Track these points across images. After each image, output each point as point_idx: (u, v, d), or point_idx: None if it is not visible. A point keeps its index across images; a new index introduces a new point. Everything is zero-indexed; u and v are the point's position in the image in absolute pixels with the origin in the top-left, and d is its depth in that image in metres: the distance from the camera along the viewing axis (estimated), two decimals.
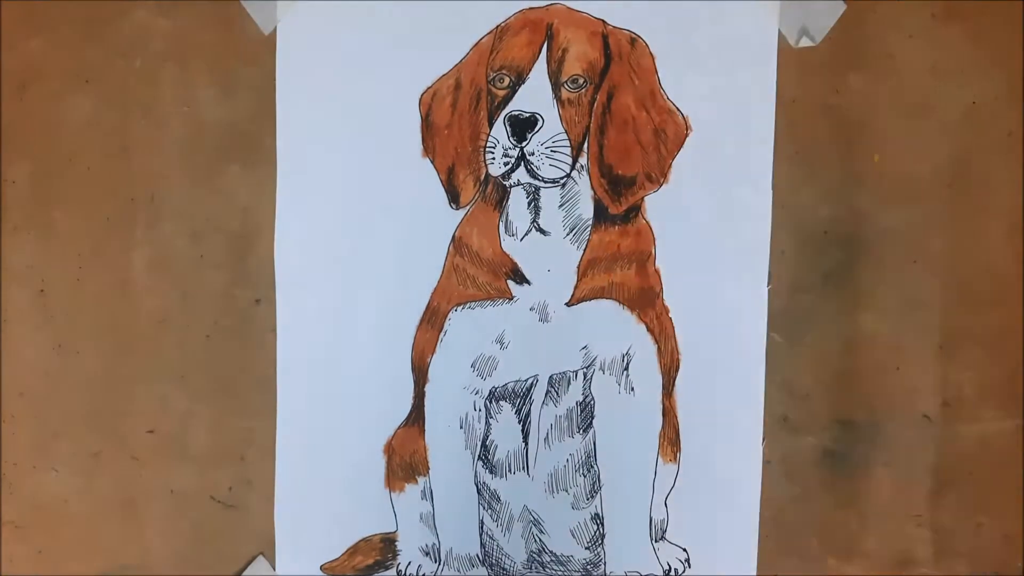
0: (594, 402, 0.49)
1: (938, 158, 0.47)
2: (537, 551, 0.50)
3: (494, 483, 0.50)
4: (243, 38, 0.49)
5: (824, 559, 0.49)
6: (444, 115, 0.48)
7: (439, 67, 0.49)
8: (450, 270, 0.49)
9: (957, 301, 0.47)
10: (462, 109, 0.48)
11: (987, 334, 0.48)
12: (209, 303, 0.50)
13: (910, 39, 0.47)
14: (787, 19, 0.48)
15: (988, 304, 0.47)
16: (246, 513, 0.50)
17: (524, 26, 0.48)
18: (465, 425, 0.50)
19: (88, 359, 0.50)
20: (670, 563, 0.50)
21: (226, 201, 0.49)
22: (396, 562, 0.50)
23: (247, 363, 0.50)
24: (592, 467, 0.50)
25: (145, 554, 0.50)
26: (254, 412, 0.50)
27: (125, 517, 0.50)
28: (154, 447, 0.50)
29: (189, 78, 0.49)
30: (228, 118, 0.49)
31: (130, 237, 0.49)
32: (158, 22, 0.49)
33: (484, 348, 0.49)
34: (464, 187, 0.49)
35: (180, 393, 0.50)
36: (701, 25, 0.48)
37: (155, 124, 0.49)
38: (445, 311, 0.49)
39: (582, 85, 0.47)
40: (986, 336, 0.48)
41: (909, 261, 0.48)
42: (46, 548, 0.50)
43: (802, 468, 0.49)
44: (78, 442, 0.50)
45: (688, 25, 0.48)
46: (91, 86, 0.49)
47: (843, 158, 0.48)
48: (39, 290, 0.50)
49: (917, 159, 0.47)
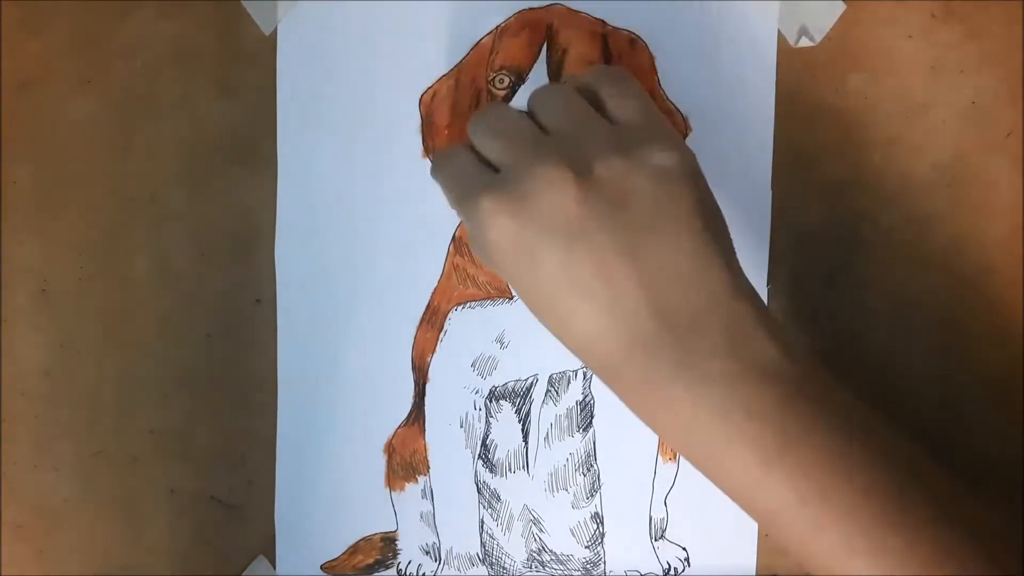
0: (594, 401, 0.49)
1: (938, 158, 0.47)
2: (537, 550, 0.50)
3: (494, 482, 0.50)
4: (243, 39, 0.49)
5: None
6: (444, 115, 0.49)
7: (439, 67, 0.49)
8: (450, 270, 0.49)
9: (957, 301, 0.48)
10: (462, 110, 0.48)
11: (987, 334, 0.48)
12: (210, 303, 0.50)
13: (910, 39, 0.47)
14: (786, 19, 0.48)
15: (988, 304, 0.47)
16: (246, 513, 0.50)
17: (524, 26, 0.48)
18: (465, 424, 0.50)
19: (88, 359, 0.50)
20: (670, 562, 0.50)
21: (227, 201, 0.49)
22: (396, 561, 0.51)
23: (247, 363, 0.50)
24: (592, 466, 0.50)
25: (145, 554, 0.50)
26: (254, 412, 0.50)
27: (125, 517, 0.50)
28: (154, 447, 0.50)
29: (189, 78, 0.49)
30: (228, 118, 0.49)
31: (131, 237, 0.49)
32: (159, 23, 0.49)
33: (484, 348, 0.49)
34: None
35: (180, 393, 0.50)
36: (701, 25, 0.48)
37: (156, 124, 0.49)
38: (445, 311, 0.49)
39: None
40: (986, 336, 0.48)
41: (909, 261, 0.48)
42: (46, 548, 0.50)
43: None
44: (78, 442, 0.50)
45: (688, 25, 0.48)
46: (92, 87, 0.49)
47: (843, 158, 0.48)
48: (40, 290, 0.50)
49: (917, 159, 0.48)
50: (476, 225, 0.37)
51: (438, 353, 0.50)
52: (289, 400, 0.50)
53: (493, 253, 0.37)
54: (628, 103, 0.38)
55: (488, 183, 0.36)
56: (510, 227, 0.35)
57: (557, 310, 0.37)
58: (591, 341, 0.36)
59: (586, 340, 0.36)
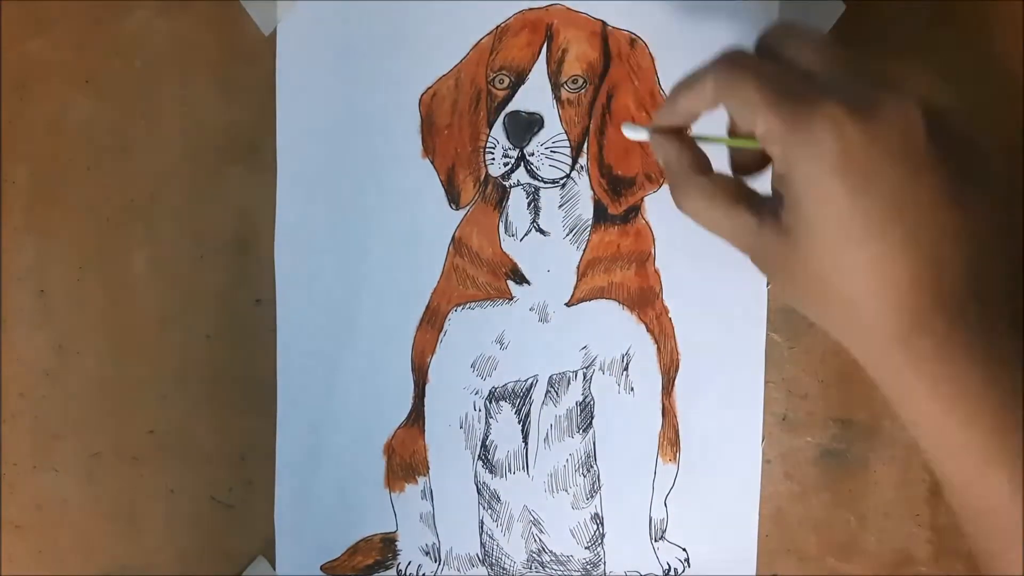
0: (594, 402, 0.49)
1: None
2: (537, 551, 0.50)
3: (494, 483, 0.50)
4: (243, 39, 0.49)
5: (823, 558, 0.49)
6: (444, 116, 0.49)
7: (439, 67, 0.49)
8: (450, 270, 0.49)
9: None
10: (462, 109, 0.48)
11: None
12: (209, 303, 0.50)
13: (909, 40, 0.47)
14: (786, 19, 0.47)
15: None
16: (246, 513, 0.50)
17: (524, 26, 0.48)
18: (465, 425, 0.50)
19: (88, 359, 0.50)
20: (670, 563, 0.50)
21: (226, 201, 0.49)
22: (396, 562, 0.51)
23: (247, 363, 0.50)
24: (592, 467, 0.50)
25: (145, 554, 0.50)
26: (254, 412, 0.50)
27: (125, 517, 0.50)
28: (154, 447, 0.50)
29: (189, 78, 0.49)
30: (228, 118, 0.49)
31: (130, 237, 0.49)
32: (158, 22, 0.49)
33: (484, 348, 0.49)
34: (464, 187, 0.49)
35: (180, 393, 0.50)
36: (701, 25, 0.48)
37: (155, 124, 0.49)
38: (445, 311, 0.49)
39: (582, 86, 0.48)
40: None
41: None
42: (46, 548, 0.50)
43: (802, 467, 0.49)
44: (78, 442, 0.50)
45: (688, 25, 0.48)
46: (91, 86, 0.49)
47: None
48: (39, 290, 0.50)
49: None
50: (805, 130, 0.32)
51: (438, 353, 0.50)
52: (289, 400, 0.50)
53: (818, 163, 0.32)
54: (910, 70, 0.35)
55: (829, 90, 0.32)
56: (858, 139, 0.31)
57: (857, 248, 0.32)
58: (889, 288, 0.32)
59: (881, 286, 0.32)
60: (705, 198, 0.36)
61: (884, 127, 0.31)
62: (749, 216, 0.35)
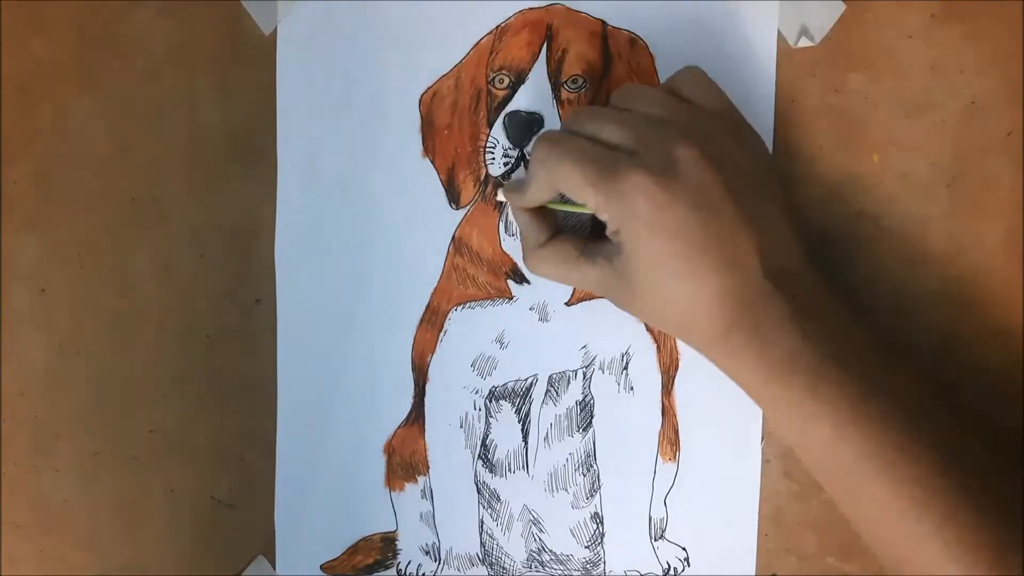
0: (594, 401, 0.49)
1: (938, 158, 0.47)
2: (537, 550, 0.50)
3: (494, 482, 0.50)
4: (243, 39, 0.49)
5: (823, 558, 0.49)
6: (444, 115, 0.49)
7: (439, 67, 0.49)
8: (450, 270, 0.49)
9: (957, 301, 0.48)
10: (462, 109, 0.48)
11: (987, 334, 0.48)
12: (209, 303, 0.50)
13: (910, 39, 0.47)
14: (786, 19, 0.48)
15: (988, 304, 0.47)
16: (246, 513, 0.50)
17: (524, 26, 0.48)
18: (465, 424, 0.50)
19: (88, 359, 0.50)
20: (669, 562, 0.50)
21: (226, 201, 0.49)
22: (396, 561, 0.51)
23: (247, 363, 0.50)
24: (592, 466, 0.50)
25: (145, 554, 0.50)
26: (254, 412, 0.50)
27: (125, 517, 0.50)
28: (154, 447, 0.50)
29: (189, 78, 0.49)
30: (228, 118, 0.49)
31: (131, 237, 0.49)
32: (158, 22, 0.49)
33: (484, 347, 0.49)
34: (464, 187, 0.49)
35: (180, 393, 0.50)
36: (701, 25, 0.48)
37: (155, 124, 0.49)
38: (445, 311, 0.49)
39: (582, 85, 0.48)
40: (986, 336, 0.48)
41: (909, 261, 0.48)
42: (46, 548, 0.50)
43: (801, 467, 0.49)
44: (78, 442, 0.50)
45: (688, 25, 0.48)
46: (91, 86, 0.49)
47: (843, 158, 0.48)
48: (40, 290, 0.50)
49: (917, 159, 0.48)
50: (621, 199, 0.39)
51: (438, 353, 0.50)
52: (289, 400, 0.50)
53: (636, 223, 0.39)
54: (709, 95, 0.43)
55: (633, 162, 0.39)
56: (662, 199, 0.38)
57: (676, 280, 0.40)
58: (703, 306, 0.40)
59: (698, 305, 0.40)
60: (549, 262, 0.44)
61: (682, 187, 0.39)
62: (589, 267, 0.42)
